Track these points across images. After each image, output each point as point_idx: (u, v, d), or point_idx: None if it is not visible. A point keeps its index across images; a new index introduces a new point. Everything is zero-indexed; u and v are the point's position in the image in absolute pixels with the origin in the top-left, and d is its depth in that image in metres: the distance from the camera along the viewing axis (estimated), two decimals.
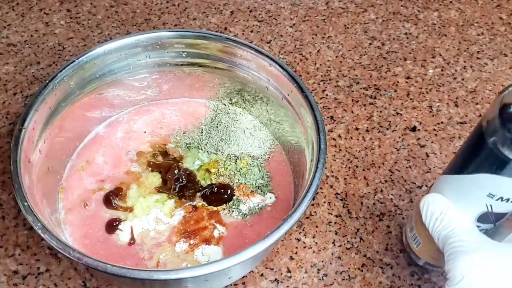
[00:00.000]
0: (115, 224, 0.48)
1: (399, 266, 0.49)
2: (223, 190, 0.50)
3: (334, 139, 0.59)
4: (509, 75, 0.67)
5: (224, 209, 0.49)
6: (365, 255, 0.50)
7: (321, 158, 0.42)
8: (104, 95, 0.53)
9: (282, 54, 0.68)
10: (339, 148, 0.58)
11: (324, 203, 0.53)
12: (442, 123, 0.61)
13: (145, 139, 0.55)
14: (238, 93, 0.55)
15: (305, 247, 0.50)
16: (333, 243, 0.50)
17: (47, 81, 0.46)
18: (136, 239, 0.47)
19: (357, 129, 0.60)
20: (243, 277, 0.48)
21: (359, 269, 0.49)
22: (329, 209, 0.53)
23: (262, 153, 0.53)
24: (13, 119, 0.59)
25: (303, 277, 0.48)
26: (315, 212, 0.53)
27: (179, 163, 0.52)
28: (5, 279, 0.47)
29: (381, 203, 0.53)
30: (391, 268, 0.49)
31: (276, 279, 0.48)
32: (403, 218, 0.52)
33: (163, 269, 0.45)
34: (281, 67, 0.48)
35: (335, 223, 0.52)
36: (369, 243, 0.51)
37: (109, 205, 0.49)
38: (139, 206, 0.49)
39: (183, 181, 0.50)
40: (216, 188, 0.50)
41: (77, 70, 0.48)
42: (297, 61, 0.67)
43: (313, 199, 0.52)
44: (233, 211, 0.49)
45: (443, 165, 0.57)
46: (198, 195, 0.50)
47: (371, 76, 0.66)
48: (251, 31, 0.71)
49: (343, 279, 0.48)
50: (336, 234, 0.51)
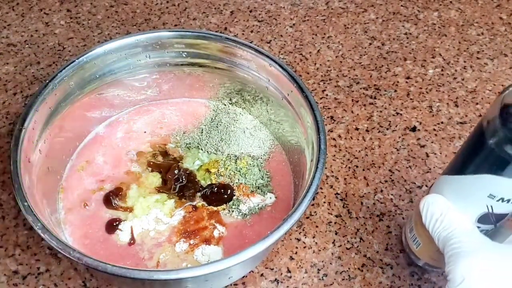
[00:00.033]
0: (115, 224, 0.48)
1: (399, 266, 0.49)
2: (223, 190, 0.50)
3: (334, 139, 0.59)
4: (509, 75, 0.67)
5: (224, 209, 0.49)
6: (365, 255, 0.50)
7: (321, 158, 0.42)
8: (104, 95, 0.53)
9: (282, 54, 0.68)
10: (339, 148, 0.58)
11: (324, 203, 0.53)
12: (442, 123, 0.61)
13: (145, 139, 0.55)
14: (238, 93, 0.55)
15: (305, 247, 0.50)
16: (333, 243, 0.50)
17: (47, 81, 0.46)
18: (136, 239, 0.47)
19: (357, 129, 0.60)
20: (243, 277, 0.48)
21: (359, 269, 0.49)
22: (329, 209, 0.53)
23: (262, 153, 0.53)
24: (13, 119, 0.59)
25: (303, 277, 0.48)
26: (315, 212, 0.53)
27: (179, 163, 0.52)
28: (5, 279, 0.47)
29: (381, 203, 0.53)
30: (391, 268, 0.49)
31: (276, 279, 0.48)
32: (403, 218, 0.52)
33: (163, 269, 0.45)
34: (281, 67, 0.48)
35: (335, 223, 0.52)
36: (369, 243, 0.51)
37: (109, 205, 0.49)
38: (139, 206, 0.49)
39: (183, 181, 0.50)
40: (216, 188, 0.50)
41: (77, 70, 0.48)
42: (297, 61, 0.67)
43: (313, 199, 0.52)
44: (233, 211, 0.49)
45: (443, 165, 0.57)
46: (198, 195, 0.50)
47: (371, 76, 0.66)
48: (251, 31, 0.71)
49: (343, 279, 0.48)
50: (336, 234, 0.51)
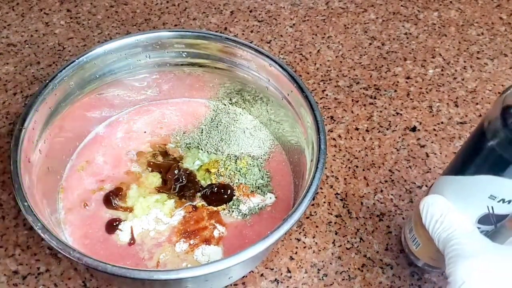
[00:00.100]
0: (115, 224, 0.48)
1: (399, 266, 0.49)
2: (223, 190, 0.50)
3: (334, 139, 0.59)
4: (509, 75, 0.67)
5: (224, 209, 0.49)
6: (365, 255, 0.50)
7: (321, 158, 0.42)
8: (104, 95, 0.53)
9: (282, 54, 0.68)
10: (339, 148, 0.58)
11: (324, 203, 0.53)
12: (442, 123, 0.61)
13: (145, 139, 0.55)
14: (238, 93, 0.55)
15: (305, 247, 0.50)
16: (333, 243, 0.50)
17: (47, 81, 0.46)
18: (136, 239, 0.47)
19: (357, 129, 0.60)
20: (243, 277, 0.48)
21: (359, 269, 0.49)
22: (329, 209, 0.53)
23: (262, 153, 0.53)
24: (13, 119, 0.59)
25: (303, 277, 0.48)
26: (315, 212, 0.53)
27: (179, 163, 0.52)
28: (5, 279, 0.47)
29: (381, 203, 0.53)
30: (391, 268, 0.49)
31: (276, 279, 0.48)
32: (403, 218, 0.52)
33: (163, 269, 0.45)
34: (281, 67, 0.48)
35: (335, 223, 0.52)
36: (369, 243, 0.50)
37: (109, 205, 0.49)
38: (139, 206, 0.49)
39: (183, 181, 0.50)
40: (216, 188, 0.50)
41: (77, 70, 0.48)
42: (297, 61, 0.67)
43: (313, 199, 0.52)
44: (233, 211, 0.49)
45: (443, 165, 0.57)
46: (198, 195, 0.50)
47: (371, 76, 0.66)
48: (251, 31, 0.71)
49: (343, 279, 0.48)
50: (336, 234, 0.51)
